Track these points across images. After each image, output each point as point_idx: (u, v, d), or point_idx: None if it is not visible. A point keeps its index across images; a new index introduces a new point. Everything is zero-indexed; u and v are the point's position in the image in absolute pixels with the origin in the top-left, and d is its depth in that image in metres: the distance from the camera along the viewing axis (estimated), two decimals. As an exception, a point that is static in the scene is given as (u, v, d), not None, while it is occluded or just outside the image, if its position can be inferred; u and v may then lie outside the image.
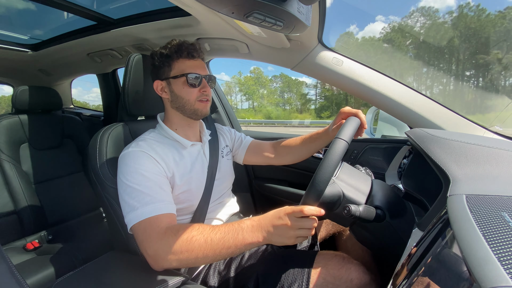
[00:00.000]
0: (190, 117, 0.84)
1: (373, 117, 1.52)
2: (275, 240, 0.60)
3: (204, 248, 0.61)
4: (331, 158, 0.62)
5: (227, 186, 0.98)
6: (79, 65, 1.78)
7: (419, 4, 65.96)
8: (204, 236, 0.62)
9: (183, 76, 0.79)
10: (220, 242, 0.61)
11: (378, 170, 1.09)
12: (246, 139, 1.08)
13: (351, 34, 37.32)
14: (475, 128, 0.92)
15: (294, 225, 0.59)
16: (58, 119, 1.62)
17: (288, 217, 0.59)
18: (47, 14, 1.40)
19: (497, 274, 0.25)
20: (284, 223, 0.59)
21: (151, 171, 0.71)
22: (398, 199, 0.70)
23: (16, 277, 0.42)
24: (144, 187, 0.68)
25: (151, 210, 0.66)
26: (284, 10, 0.47)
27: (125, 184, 0.69)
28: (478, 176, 0.51)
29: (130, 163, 0.71)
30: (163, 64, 0.81)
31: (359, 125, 0.73)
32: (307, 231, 0.60)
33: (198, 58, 0.83)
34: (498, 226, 0.32)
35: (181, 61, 0.80)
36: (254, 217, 0.64)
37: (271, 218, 0.61)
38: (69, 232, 1.47)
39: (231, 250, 0.61)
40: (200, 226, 0.64)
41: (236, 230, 0.62)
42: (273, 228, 0.60)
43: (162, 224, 0.65)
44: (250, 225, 0.62)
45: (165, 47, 0.80)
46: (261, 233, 0.61)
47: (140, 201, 0.67)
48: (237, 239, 0.61)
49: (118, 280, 0.67)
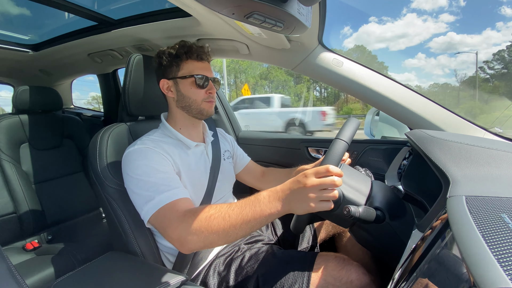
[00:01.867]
0: (195, 117, 0.85)
1: (373, 118, 1.52)
2: (296, 208, 0.57)
3: (223, 224, 0.59)
4: (330, 159, 0.62)
5: (228, 188, 0.98)
6: (80, 65, 1.78)
7: (411, 5, 66.49)
8: (222, 213, 0.61)
9: (192, 77, 0.81)
10: (238, 216, 0.59)
11: (378, 171, 1.09)
12: (246, 157, 1.13)
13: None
14: (475, 129, 0.92)
15: (315, 186, 0.54)
16: (59, 119, 1.62)
17: (307, 178, 0.56)
18: (47, 15, 1.40)
19: (497, 276, 0.25)
20: (303, 185, 0.55)
21: (160, 164, 0.72)
22: (398, 200, 0.70)
23: (16, 277, 0.42)
24: (156, 178, 0.69)
25: (168, 196, 0.67)
26: (285, 11, 0.47)
27: (136, 179, 0.70)
28: (478, 177, 0.51)
29: (138, 159, 0.72)
30: (171, 64, 0.82)
31: (359, 125, 0.73)
32: (330, 191, 0.55)
33: (206, 61, 0.85)
34: (497, 228, 0.32)
35: (190, 62, 0.82)
36: (272, 188, 0.62)
37: (289, 183, 0.59)
38: (68, 232, 1.47)
39: (251, 224, 0.59)
40: (218, 205, 0.64)
41: (253, 203, 0.60)
42: (291, 193, 0.57)
43: (180, 208, 0.66)
44: (267, 195, 0.60)
45: (174, 48, 0.82)
46: (280, 201, 0.58)
47: (155, 191, 0.67)
48: (255, 212, 0.58)
49: (118, 281, 0.67)
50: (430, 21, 58.70)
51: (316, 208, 0.55)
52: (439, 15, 56.08)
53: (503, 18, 52.43)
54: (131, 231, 0.78)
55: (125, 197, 0.75)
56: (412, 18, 65.08)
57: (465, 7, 57.02)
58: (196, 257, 0.82)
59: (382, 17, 71.90)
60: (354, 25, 69.74)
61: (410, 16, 65.73)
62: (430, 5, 61.12)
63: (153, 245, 0.82)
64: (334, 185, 0.54)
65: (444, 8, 54.55)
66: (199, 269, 0.82)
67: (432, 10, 61.08)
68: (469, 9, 57.71)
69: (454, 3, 55.04)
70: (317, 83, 23.60)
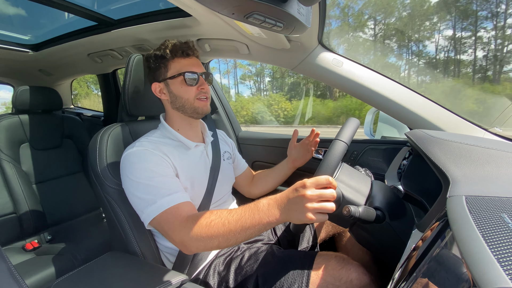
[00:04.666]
0: (191, 116, 0.84)
1: (373, 118, 1.52)
2: (293, 217, 0.56)
3: (223, 231, 0.60)
4: (330, 159, 0.62)
5: (228, 189, 0.98)
6: (80, 65, 1.78)
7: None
8: (222, 219, 0.62)
9: (180, 75, 0.79)
10: (237, 223, 0.60)
11: (378, 171, 1.09)
12: (243, 162, 1.14)
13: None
14: (474, 129, 0.92)
15: (312, 196, 0.54)
16: (58, 119, 1.62)
17: (306, 188, 0.55)
18: (47, 15, 1.40)
19: (496, 275, 0.25)
20: (301, 194, 0.55)
21: (160, 166, 0.72)
22: (397, 200, 0.70)
23: (16, 278, 0.42)
24: (157, 181, 0.69)
25: (170, 200, 0.67)
26: (284, 11, 0.47)
27: (136, 182, 0.70)
28: (478, 177, 0.51)
29: (136, 161, 0.72)
30: (159, 66, 0.81)
31: (358, 126, 0.73)
32: (329, 203, 0.54)
33: (193, 56, 0.83)
34: (497, 227, 0.32)
35: (177, 60, 0.81)
36: (272, 195, 0.62)
37: (288, 191, 0.59)
38: (68, 232, 1.47)
39: (250, 231, 0.59)
40: (219, 211, 0.65)
41: (252, 211, 0.60)
42: (289, 202, 0.57)
43: (183, 213, 0.66)
44: (266, 203, 0.60)
45: (159, 49, 0.81)
46: (278, 209, 0.58)
47: (156, 195, 0.68)
48: (254, 219, 0.59)
49: (118, 280, 0.67)
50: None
51: (313, 220, 0.54)
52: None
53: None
54: (131, 231, 0.78)
55: (125, 197, 0.75)
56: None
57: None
58: (196, 257, 0.82)
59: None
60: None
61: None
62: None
63: (153, 245, 0.82)
64: (333, 197, 0.55)
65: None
66: (199, 269, 0.82)
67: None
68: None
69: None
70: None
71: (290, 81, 20.69)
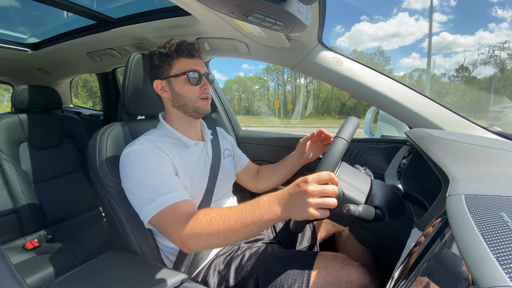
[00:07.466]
0: (192, 115, 0.84)
1: (372, 117, 1.52)
2: (295, 213, 0.56)
3: (223, 228, 0.60)
4: (332, 156, 0.62)
5: (228, 187, 0.98)
6: (79, 64, 1.78)
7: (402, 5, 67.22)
8: (222, 217, 0.61)
9: (184, 74, 0.80)
10: (238, 220, 0.59)
11: (377, 170, 1.09)
12: (245, 157, 1.13)
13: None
14: (474, 128, 0.93)
15: (314, 192, 0.53)
16: (58, 118, 1.62)
17: (308, 184, 0.55)
18: (47, 13, 1.40)
19: (495, 274, 0.26)
20: (303, 189, 0.54)
21: (159, 165, 0.72)
22: (397, 199, 0.70)
23: (16, 277, 0.42)
24: (156, 179, 0.69)
25: (169, 198, 0.67)
26: (284, 10, 0.47)
27: (135, 180, 0.70)
28: (477, 176, 0.51)
29: (136, 160, 0.72)
30: (163, 63, 0.81)
31: (358, 124, 0.73)
32: (330, 199, 0.54)
33: (197, 57, 0.84)
34: (496, 226, 0.33)
35: (182, 60, 0.81)
36: (273, 192, 0.61)
37: (289, 187, 0.58)
38: (68, 232, 1.47)
39: (250, 228, 0.59)
40: (219, 208, 0.64)
41: (253, 207, 0.60)
42: (290, 197, 0.56)
43: (182, 211, 0.66)
44: (267, 200, 0.60)
45: (164, 47, 0.81)
46: (279, 206, 0.58)
47: (155, 193, 0.67)
48: (254, 216, 0.58)
49: (118, 280, 0.67)
50: (422, 20, 58.90)
51: (315, 216, 0.54)
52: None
53: (494, 19, 52.69)
54: (131, 230, 0.78)
55: (124, 196, 0.75)
56: (403, 17, 65.40)
57: (457, 7, 57.30)
58: (196, 256, 0.82)
59: (373, 16, 72.11)
60: (346, 23, 69.85)
61: (402, 15, 66.06)
62: (420, 5, 61.36)
63: (153, 244, 0.82)
64: (335, 193, 0.54)
65: (435, 8, 54.73)
66: (199, 268, 0.82)
67: (423, 9, 61.24)
68: (462, 10, 57.94)
69: (445, 3, 55.19)
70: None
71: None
